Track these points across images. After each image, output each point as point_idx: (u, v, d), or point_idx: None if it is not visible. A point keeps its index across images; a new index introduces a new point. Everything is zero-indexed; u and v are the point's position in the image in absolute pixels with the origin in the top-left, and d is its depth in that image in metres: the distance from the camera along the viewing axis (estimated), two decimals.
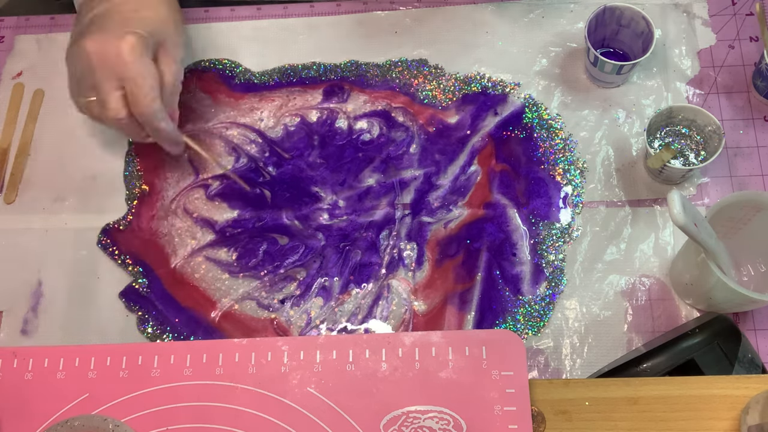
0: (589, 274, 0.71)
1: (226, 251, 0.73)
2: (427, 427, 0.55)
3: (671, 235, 0.71)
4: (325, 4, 0.84)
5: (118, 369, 0.58)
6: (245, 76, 0.80)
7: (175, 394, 0.57)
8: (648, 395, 0.56)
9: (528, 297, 0.70)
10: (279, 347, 0.58)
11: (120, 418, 0.56)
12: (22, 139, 0.79)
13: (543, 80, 0.78)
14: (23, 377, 0.58)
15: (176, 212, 0.75)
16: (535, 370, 0.68)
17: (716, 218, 0.62)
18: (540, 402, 0.56)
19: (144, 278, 0.72)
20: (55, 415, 0.56)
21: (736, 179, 0.73)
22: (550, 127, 0.76)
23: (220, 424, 0.56)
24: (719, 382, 0.56)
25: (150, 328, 0.71)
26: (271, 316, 0.70)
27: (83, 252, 0.74)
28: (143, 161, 0.77)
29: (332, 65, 0.80)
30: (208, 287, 0.72)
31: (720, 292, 0.61)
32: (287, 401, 0.56)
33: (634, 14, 0.73)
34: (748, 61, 0.77)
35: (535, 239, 0.72)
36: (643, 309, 0.69)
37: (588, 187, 0.74)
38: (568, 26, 0.80)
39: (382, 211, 0.74)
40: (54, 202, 0.77)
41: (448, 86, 0.78)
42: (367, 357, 0.57)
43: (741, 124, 0.75)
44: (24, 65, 0.83)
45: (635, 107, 0.76)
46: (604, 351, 0.68)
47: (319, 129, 0.78)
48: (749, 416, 0.53)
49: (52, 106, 0.81)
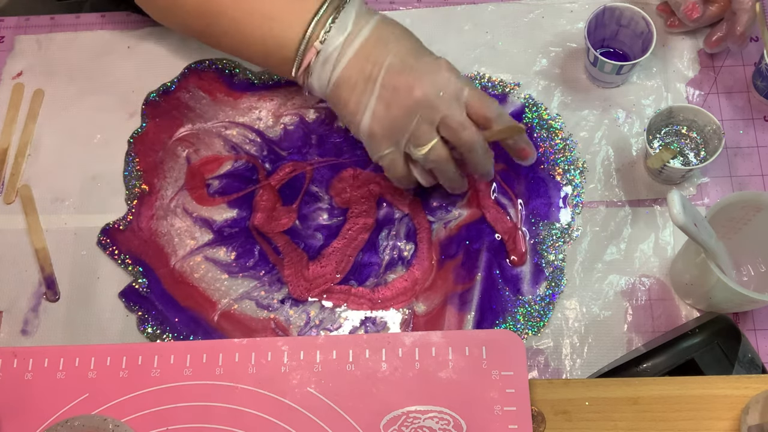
0: (589, 274, 0.71)
1: (225, 251, 0.73)
2: (427, 427, 0.55)
3: (671, 235, 0.71)
4: None
5: (118, 369, 0.58)
6: (244, 76, 0.80)
7: (175, 394, 0.57)
8: (648, 395, 0.56)
9: (528, 297, 0.70)
10: (279, 347, 0.58)
11: (120, 418, 0.56)
12: (22, 139, 0.79)
13: (543, 80, 0.78)
14: (23, 377, 0.58)
15: (176, 212, 0.75)
16: (535, 370, 0.68)
17: (716, 218, 0.62)
18: (540, 402, 0.56)
19: (144, 278, 0.72)
20: (55, 415, 0.56)
21: (736, 179, 0.73)
22: (550, 127, 0.76)
23: (220, 424, 0.56)
24: (719, 382, 0.56)
25: (150, 328, 0.71)
26: (270, 316, 0.70)
27: (83, 252, 0.74)
28: (143, 161, 0.77)
29: None
30: (208, 287, 0.72)
31: (720, 292, 0.61)
32: (287, 401, 0.56)
33: (634, 14, 0.73)
34: (748, 61, 0.77)
35: (535, 239, 0.72)
36: (643, 309, 0.69)
37: (588, 187, 0.74)
38: (568, 26, 0.80)
39: (382, 211, 0.74)
40: (54, 202, 0.77)
41: None
42: (367, 357, 0.57)
43: (741, 124, 0.75)
44: (24, 65, 0.83)
45: (635, 107, 0.76)
46: (604, 351, 0.68)
47: (317, 128, 0.78)
48: (749, 416, 0.53)
49: (52, 106, 0.81)
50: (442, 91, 0.62)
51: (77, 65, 0.82)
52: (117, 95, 0.81)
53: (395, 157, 0.65)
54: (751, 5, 0.69)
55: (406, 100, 0.62)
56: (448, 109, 0.62)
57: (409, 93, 0.62)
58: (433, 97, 0.62)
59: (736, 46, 0.73)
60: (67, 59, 0.83)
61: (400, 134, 0.64)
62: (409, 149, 0.65)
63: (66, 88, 0.82)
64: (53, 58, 0.83)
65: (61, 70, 0.83)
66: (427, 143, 0.63)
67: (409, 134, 0.63)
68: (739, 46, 0.73)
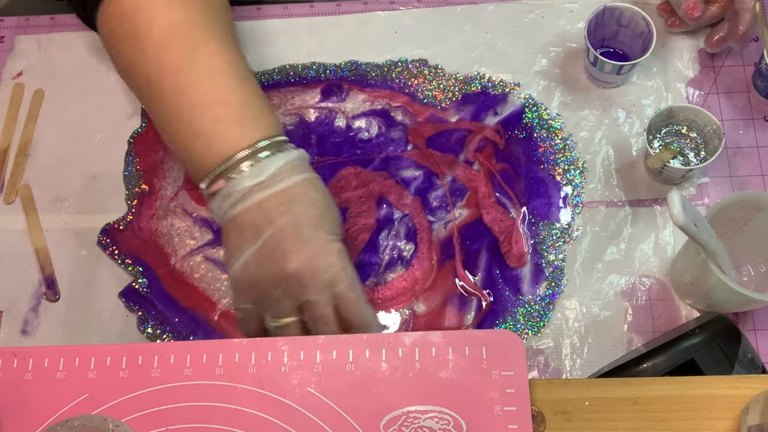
0: (589, 274, 0.71)
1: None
2: (427, 427, 0.55)
3: (671, 235, 0.71)
4: (325, 4, 0.84)
5: (118, 369, 0.58)
6: None
7: (175, 394, 0.57)
8: (648, 395, 0.56)
9: (528, 297, 0.70)
10: (279, 347, 0.57)
11: (120, 418, 0.56)
12: (22, 139, 0.79)
13: (543, 80, 0.78)
14: (23, 377, 0.58)
15: (175, 212, 0.75)
16: (535, 370, 0.68)
17: (716, 218, 0.62)
18: (540, 402, 0.56)
19: (144, 278, 0.72)
20: (55, 415, 0.56)
21: (736, 179, 0.73)
22: (550, 127, 0.76)
23: (220, 424, 0.56)
24: (719, 382, 0.56)
25: (150, 328, 0.71)
26: None
27: (83, 252, 0.74)
28: (143, 161, 0.77)
29: (332, 65, 0.80)
30: (208, 287, 0.72)
31: (720, 292, 0.61)
32: (287, 401, 0.56)
33: (634, 14, 0.73)
34: (748, 61, 0.77)
35: (535, 239, 0.72)
36: (643, 309, 0.69)
37: (588, 187, 0.74)
38: (568, 26, 0.80)
39: (382, 211, 0.74)
40: (54, 202, 0.77)
41: (448, 86, 0.78)
42: (367, 357, 0.57)
43: (741, 124, 0.75)
44: (24, 65, 0.83)
45: (635, 107, 0.76)
46: (604, 351, 0.68)
47: (317, 128, 0.78)
48: (749, 416, 0.53)
49: (52, 106, 0.81)
50: (317, 274, 0.59)
51: (77, 65, 0.82)
52: (117, 95, 0.81)
53: (250, 316, 0.62)
54: (753, 4, 0.69)
55: (278, 266, 0.59)
56: (315, 294, 0.59)
57: (283, 260, 0.59)
58: (304, 275, 0.59)
59: (738, 45, 0.73)
60: (67, 59, 0.83)
61: (261, 297, 0.61)
62: (266, 313, 0.62)
63: (66, 88, 0.82)
64: (53, 58, 0.83)
65: (61, 70, 0.83)
66: (283, 317, 0.61)
67: (269, 301, 0.60)
68: (741, 45, 0.73)
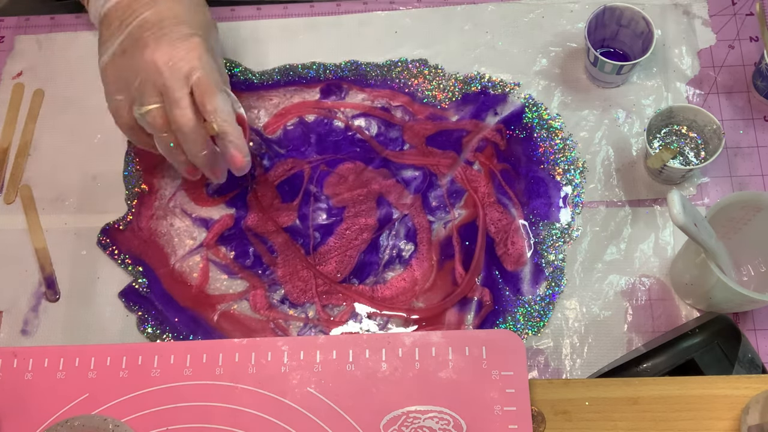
0: (589, 274, 0.71)
1: (224, 251, 0.73)
2: (427, 427, 0.55)
3: (671, 235, 0.71)
4: (325, 4, 0.84)
5: (118, 369, 0.58)
6: (245, 76, 0.80)
7: (175, 394, 0.57)
8: (648, 395, 0.56)
9: (528, 297, 0.70)
10: (279, 347, 0.58)
11: (120, 418, 0.56)
12: (22, 139, 0.79)
13: (543, 80, 0.78)
14: (23, 377, 0.58)
15: (175, 212, 0.75)
16: (535, 370, 0.68)
17: (716, 218, 0.62)
18: (540, 402, 0.56)
19: (144, 278, 0.72)
20: (55, 415, 0.56)
21: (736, 179, 0.73)
22: (550, 127, 0.76)
23: (220, 424, 0.56)
24: (719, 382, 0.56)
25: (150, 328, 0.71)
26: (269, 316, 0.70)
27: (83, 252, 0.74)
28: (143, 161, 0.77)
29: (332, 65, 0.80)
30: (208, 287, 0.72)
31: (720, 292, 0.61)
32: (287, 401, 0.56)
33: (634, 14, 0.73)
34: (748, 61, 0.77)
35: (535, 239, 0.72)
36: (643, 309, 0.69)
37: (588, 187, 0.74)
38: (568, 26, 0.81)
39: (382, 211, 0.74)
40: (54, 202, 0.77)
41: (448, 86, 0.78)
42: (367, 357, 0.57)
43: (741, 124, 0.75)
44: (24, 65, 0.83)
45: (635, 107, 0.76)
46: (604, 351, 0.68)
47: (316, 127, 0.78)
48: (749, 416, 0.53)
49: (52, 106, 0.81)
50: (174, 61, 0.62)
51: (77, 65, 0.82)
52: None
53: (119, 107, 0.66)
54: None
55: (139, 54, 0.63)
56: (170, 80, 0.62)
57: (143, 50, 0.63)
58: (161, 63, 0.62)
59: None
60: (67, 59, 0.83)
61: (127, 85, 0.64)
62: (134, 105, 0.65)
63: (66, 88, 0.82)
64: (53, 58, 0.83)
65: (61, 70, 0.83)
66: (146, 105, 0.63)
67: (134, 90, 0.64)
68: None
